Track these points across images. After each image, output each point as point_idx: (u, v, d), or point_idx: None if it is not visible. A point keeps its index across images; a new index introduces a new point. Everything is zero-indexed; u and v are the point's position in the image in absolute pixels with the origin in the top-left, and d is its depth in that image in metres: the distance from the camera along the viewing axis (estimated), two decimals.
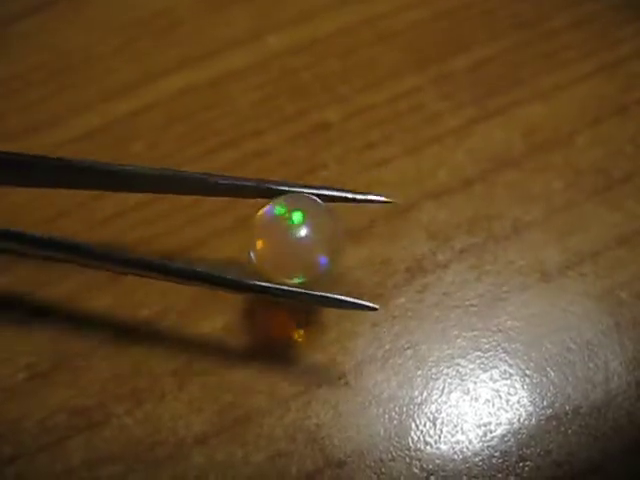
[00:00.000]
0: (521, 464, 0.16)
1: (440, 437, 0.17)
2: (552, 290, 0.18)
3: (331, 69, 0.22)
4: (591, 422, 0.17)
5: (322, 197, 0.17)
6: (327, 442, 0.17)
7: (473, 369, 0.17)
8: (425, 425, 0.17)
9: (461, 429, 0.17)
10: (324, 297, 0.16)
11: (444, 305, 0.18)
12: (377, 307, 0.16)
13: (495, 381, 0.17)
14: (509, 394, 0.17)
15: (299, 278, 0.16)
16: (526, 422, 0.17)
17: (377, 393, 0.17)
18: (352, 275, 0.19)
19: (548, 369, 0.17)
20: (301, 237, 0.16)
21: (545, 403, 0.17)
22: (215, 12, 0.24)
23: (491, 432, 0.17)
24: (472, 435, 0.17)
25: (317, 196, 0.17)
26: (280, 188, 0.17)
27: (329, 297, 0.16)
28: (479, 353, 0.18)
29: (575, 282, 0.18)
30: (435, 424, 0.17)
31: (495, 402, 0.17)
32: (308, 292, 0.16)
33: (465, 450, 0.17)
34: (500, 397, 0.17)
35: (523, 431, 0.17)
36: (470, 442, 0.17)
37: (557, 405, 0.17)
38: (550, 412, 0.17)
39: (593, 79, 0.22)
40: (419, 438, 0.17)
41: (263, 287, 0.16)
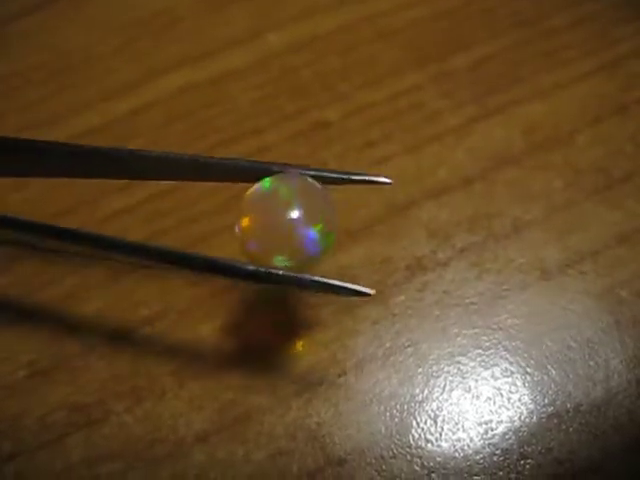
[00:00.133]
0: (522, 462, 0.16)
1: (441, 435, 0.17)
2: (552, 288, 0.18)
3: (331, 67, 0.22)
4: (592, 420, 0.17)
5: (319, 179, 0.16)
6: (328, 440, 0.17)
7: (474, 367, 0.17)
8: (426, 423, 0.17)
9: (462, 427, 0.17)
10: (317, 282, 0.15)
11: (444, 303, 0.18)
12: (371, 292, 0.15)
13: (496, 379, 0.17)
14: (510, 392, 0.17)
15: (285, 256, 0.15)
16: (527, 420, 0.17)
17: (378, 391, 0.17)
18: (352, 273, 0.19)
19: (549, 367, 0.17)
20: (287, 212, 0.15)
21: (546, 401, 0.17)
22: (215, 11, 0.24)
23: (492, 430, 0.17)
24: (473, 433, 0.17)
25: (314, 178, 0.16)
26: (277, 169, 0.16)
27: (323, 282, 0.15)
28: (480, 351, 0.18)
29: (575, 280, 0.18)
30: (436, 422, 0.17)
31: (496, 400, 0.17)
32: (300, 276, 0.15)
33: (466, 448, 0.16)
34: (501, 395, 0.17)
35: (524, 429, 0.17)
36: (471, 440, 0.17)
37: (558, 403, 0.17)
38: (551, 410, 0.17)
39: (593, 78, 0.22)
40: (420, 436, 0.17)
41: (252, 271, 0.15)
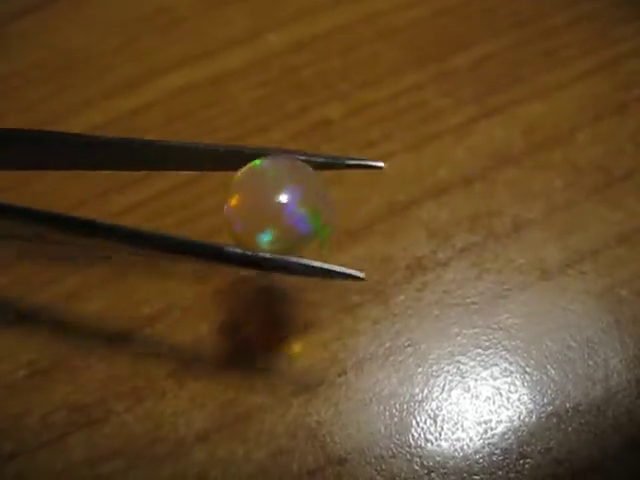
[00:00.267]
0: (521, 461, 0.16)
1: (441, 434, 0.17)
2: (552, 288, 0.18)
3: (331, 66, 0.22)
4: (591, 420, 0.17)
5: (314, 165, 0.16)
6: (328, 439, 0.17)
7: (474, 366, 0.17)
8: (426, 422, 0.17)
9: (462, 426, 0.17)
10: (305, 265, 0.15)
11: (444, 303, 0.18)
12: (361, 275, 0.15)
13: (495, 379, 0.17)
14: (509, 392, 0.17)
15: (273, 236, 0.15)
16: (526, 420, 0.17)
17: (378, 390, 0.17)
18: None
19: (548, 367, 0.17)
20: (276, 191, 0.15)
21: (545, 401, 0.17)
22: (215, 11, 0.24)
23: (492, 429, 0.17)
24: (473, 432, 0.17)
25: (309, 163, 0.16)
26: (272, 153, 0.16)
27: (311, 265, 0.15)
28: (479, 351, 0.18)
29: (575, 280, 0.18)
30: (436, 421, 0.17)
31: (495, 400, 0.17)
32: (287, 259, 0.15)
33: (466, 447, 0.17)
34: (500, 395, 0.17)
35: (523, 429, 0.17)
36: (471, 439, 0.17)
37: (557, 403, 0.17)
38: (550, 410, 0.17)
39: (593, 77, 0.22)
40: (420, 435, 0.17)
41: (239, 255, 0.15)
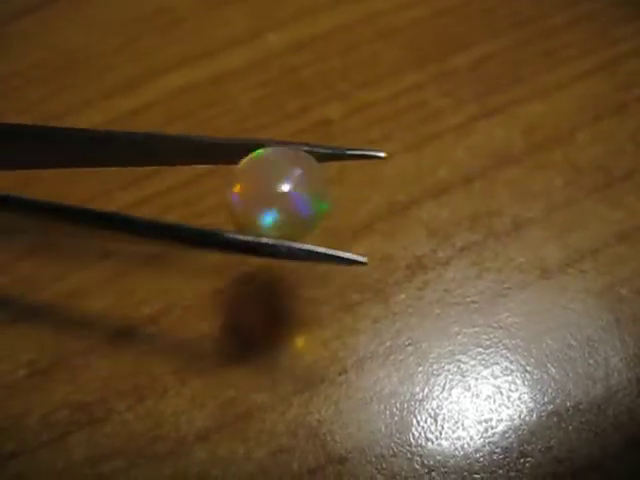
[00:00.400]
0: (522, 460, 0.16)
1: (441, 433, 0.17)
2: (552, 287, 0.18)
3: (331, 67, 0.22)
4: (591, 418, 0.17)
5: (317, 156, 0.16)
6: (328, 438, 0.17)
7: (474, 365, 0.17)
8: (426, 421, 0.17)
9: (462, 425, 0.17)
10: (307, 250, 0.14)
11: (445, 302, 0.18)
12: (364, 260, 0.14)
13: (496, 377, 0.17)
14: (510, 390, 0.17)
15: (276, 220, 0.15)
16: (527, 418, 0.17)
17: (378, 389, 0.17)
18: (352, 271, 0.19)
19: (549, 365, 0.17)
20: (279, 178, 0.15)
21: (546, 399, 0.17)
22: (215, 10, 0.24)
23: (492, 428, 0.17)
24: (473, 431, 0.17)
25: (311, 154, 0.16)
26: (274, 145, 0.16)
27: (313, 250, 0.14)
28: (480, 349, 0.18)
29: (575, 279, 0.18)
30: (436, 420, 0.17)
31: (496, 398, 0.17)
32: (289, 244, 0.14)
33: (466, 446, 0.17)
34: (501, 393, 0.17)
35: (524, 427, 0.17)
36: (471, 438, 0.17)
37: (558, 401, 0.17)
38: (551, 408, 0.17)
39: (593, 77, 0.22)
40: (420, 434, 0.17)
41: (240, 241, 0.15)
